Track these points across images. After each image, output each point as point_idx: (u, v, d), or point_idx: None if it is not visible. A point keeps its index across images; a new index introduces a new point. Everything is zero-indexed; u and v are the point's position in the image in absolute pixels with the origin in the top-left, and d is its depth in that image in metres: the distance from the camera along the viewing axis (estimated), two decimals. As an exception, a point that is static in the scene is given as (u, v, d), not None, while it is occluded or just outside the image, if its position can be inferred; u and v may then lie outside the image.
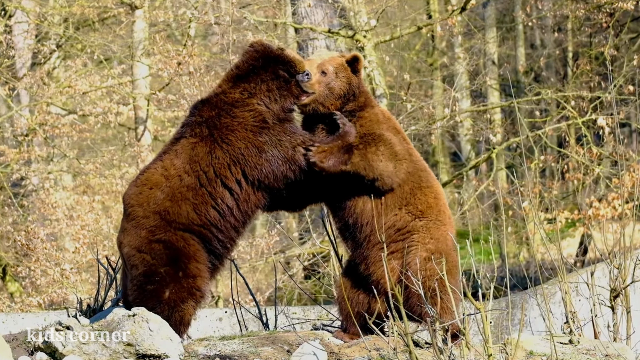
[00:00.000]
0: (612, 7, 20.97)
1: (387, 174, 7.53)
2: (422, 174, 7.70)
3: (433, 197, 7.68)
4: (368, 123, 7.66)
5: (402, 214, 7.62)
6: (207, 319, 11.44)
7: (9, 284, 21.34)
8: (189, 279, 7.30)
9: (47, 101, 20.85)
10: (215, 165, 7.42)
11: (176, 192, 7.38)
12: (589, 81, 22.17)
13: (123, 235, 7.44)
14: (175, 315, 7.24)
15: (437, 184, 7.80)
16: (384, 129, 7.68)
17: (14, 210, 20.81)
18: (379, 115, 7.77)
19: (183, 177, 7.41)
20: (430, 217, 7.63)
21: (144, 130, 21.61)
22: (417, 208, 7.62)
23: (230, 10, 18.82)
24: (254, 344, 7.49)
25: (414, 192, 7.63)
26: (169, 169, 7.44)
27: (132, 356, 6.82)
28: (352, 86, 7.75)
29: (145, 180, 7.47)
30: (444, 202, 7.73)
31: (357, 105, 7.75)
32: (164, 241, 7.32)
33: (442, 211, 7.69)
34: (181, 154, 7.47)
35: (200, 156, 7.43)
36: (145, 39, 21.31)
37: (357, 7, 19.11)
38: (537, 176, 19.80)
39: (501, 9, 28.12)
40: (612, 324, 8.46)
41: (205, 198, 7.41)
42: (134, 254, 7.33)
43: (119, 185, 20.80)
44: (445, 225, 7.65)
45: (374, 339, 7.54)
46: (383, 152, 7.54)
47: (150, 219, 7.35)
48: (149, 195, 7.40)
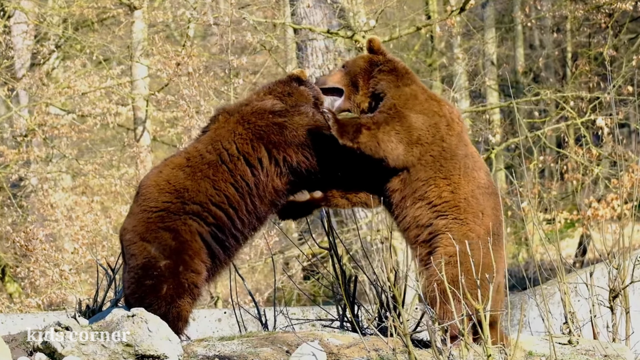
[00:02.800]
0: (611, 8, 20.98)
1: (393, 155, 7.36)
2: (448, 163, 7.43)
3: (450, 191, 7.43)
4: (402, 97, 7.49)
5: (423, 210, 7.44)
6: (206, 319, 11.44)
7: (8, 285, 21.33)
8: (189, 274, 7.28)
9: (46, 102, 20.84)
10: (238, 141, 7.44)
11: (197, 171, 7.40)
12: (588, 82, 22.17)
13: (129, 220, 7.40)
14: (172, 311, 7.22)
15: (465, 175, 7.43)
16: (417, 108, 7.47)
17: (13, 210, 20.80)
18: (417, 93, 7.56)
19: (204, 154, 7.44)
20: (451, 214, 7.37)
21: (143, 130, 21.60)
22: (433, 202, 7.38)
23: (229, 11, 18.82)
24: (253, 344, 7.49)
25: (429, 182, 7.44)
26: (192, 152, 7.51)
27: (131, 357, 6.82)
28: (374, 63, 7.69)
29: (168, 162, 7.53)
30: (465, 197, 7.39)
31: (391, 78, 7.64)
32: (172, 230, 7.27)
33: (460, 207, 7.40)
34: (206, 137, 7.54)
35: (222, 135, 7.47)
36: (144, 39, 21.30)
37: (356, 8, 19.11)
38: (536, 177, 19.81)
39: (500, 9, 28.13)
40: (611, 324, 8.47)
41: (226, 175, 7.40)
42: (136, 242, 7.29)
43: (118, 185, 20.80)
44: (468, 224, 7.37)
45: (373, 340, 7.54)
46: (397, 132, 7.37)
47: (163, 199, 7.32)
48: (169, 174, 7.41)
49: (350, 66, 7.82)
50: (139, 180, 7.78)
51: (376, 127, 7.37)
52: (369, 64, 7.78)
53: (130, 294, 7.29)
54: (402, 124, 7.39)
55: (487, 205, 7.47)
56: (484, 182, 7.52)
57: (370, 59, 7.81)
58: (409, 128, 7.40)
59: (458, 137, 7.53)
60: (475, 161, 7.55)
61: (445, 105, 7.61)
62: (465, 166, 7.46)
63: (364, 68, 7.76)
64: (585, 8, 21.71)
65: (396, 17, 21.11)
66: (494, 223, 7.47)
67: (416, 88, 7.63)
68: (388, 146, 7.36)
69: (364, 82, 7.75)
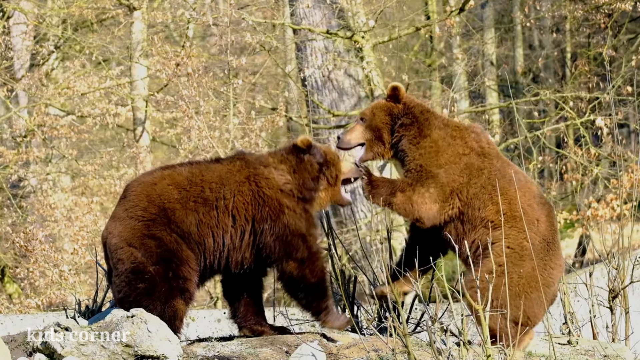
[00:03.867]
0: (611, 8, 20.97)
1: (428, 216, 7.52)
2: (501, 183, 7.54)
3: (507, 203, 7.51)
4: (426, 154, 7.58)
5: (482, 230, 7.53)
6: (205, 320, 11.43)
7: (8, 285, 21.32)
8: (178, 280, 7.28)
9: (45, 102, 20.83)
10: (237, 198, 7.45)
11: (190, 200, 7.38)
12: (587, 82, 22.16)
13: (113, 225, 7.36)
14: (167, 311, 7.22)
15: (520, 187, 7.55)
16: (443, 160, 7.56)
17: (12, 211, 20.79)
18: (439, 142, 7.64)
19: (205, 189, 7.41)
20: (507, 224, 7.46)
21: (142, 131, 21.61)
22: (491, 219, 7.49)
23: (229, 11, 18.82)
24: (252, 345, 7.49)
25: (485, 204, 7.54)
26: (197, 176, 7.46)
27: (130, 357, 6.81)
28: (394, 115, 7.75)
29: (166, 175, 7.47)
30: (522, 207, 7.48)
31: (412, 133, 7.70)
32: (158, 238, 7.28)
33: (517, 217, 7.48)
34: (215, 171, 7.50)
35: (230, 182, 7.47)
36: (143, 40, 21.31)
37: (356, 8, 19.10)
38: (535, 177, 19.80)
39: (499, 9, 28.12)
40: (610, 324, 8.47)
41: (211, 222, 7.41)
42: (122, 247, 7.28)
43: (117, 186, 20.78)
44: (524, 232, 7.46)
45: (373, 340, 7.54)
46: (431, 194, 7.50)
47: (151, 211, 7.31)
48: (163, 190, 7.38)
49: (369, 119, 7.86)
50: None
51: (411, 190, 7.53)
52: (390, 116, 7.81)
53: (124, 297, 7.28)
54: (434, 184, 7.54)
55: (542, 213, 7.61)
56: (537, 192, 7.69)
57: (389, 111, 7.83)
58: (441, 187, 7.54)
59: (498, 158, 7.66)
60: (525, 174, 7.73)
61: (470, 135, 7.70)
62: (518, 180, 7.59)
63: (385, 122, 7.81)
64: (585, 8, 21.69)
65: (395, 18, 21.11)
66: (549, 231, 7.60)
67: (437, 135, 7.69)
68: (422, 207, 7.53)
69: (387, 134, 7.81)
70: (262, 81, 24.34)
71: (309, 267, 7.45)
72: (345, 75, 19.40)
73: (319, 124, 19.37)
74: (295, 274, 7.46)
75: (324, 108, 19.16)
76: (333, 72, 19.31)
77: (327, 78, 19.30)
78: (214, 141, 17.45)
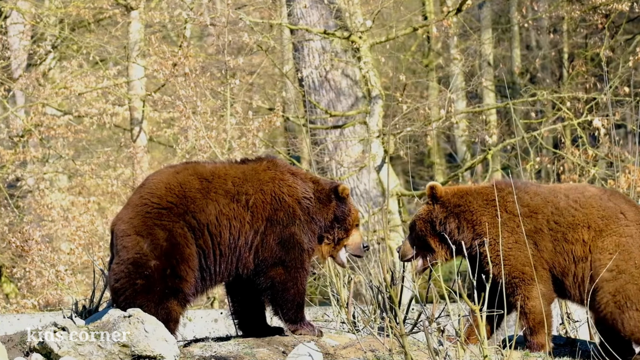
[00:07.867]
0: (608, 9, 20.98)
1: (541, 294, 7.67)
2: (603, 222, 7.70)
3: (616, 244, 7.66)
4: (490, 252, 7.60)
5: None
6: (202, 320, 11.42)
7: (4, 285, 21.31)
8: (175, 279, 7.27)
9: (42, 102, 20.82)
10: (258, 198, 7.51)
11: (212, 191, 7.39)
12: (584, 82, 22.18)
13: (125, 211, 7.36)
14: (161, 312, 7.20)
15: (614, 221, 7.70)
16: (509, 246, 7.65)
17: (9, 211, 20.77)
18: (494, 231, 7.69)
19: (227, 182, 7.45)
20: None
21: (139, 131, 21.58)
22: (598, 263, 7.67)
23: (226, 12, 18.81)
24: (249, 345, 7.49)
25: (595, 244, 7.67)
26: (221, 170, 7.51)
27: (127, 357, 6.81)
28: (433, 214, 7.91)
29: (189, 167, 7.50)
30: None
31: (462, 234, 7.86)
32: (168, 229, 7.25)
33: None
34: (239, 168, 7.57)
35: (253, 179, 7.55)
36: (140, 40, 21.29)
37: (353, 8, 19.10)
38: (532, 177, 19.81)
39: (497, 10, 28.13)
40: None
41: (230, 215, 7.44)
42: (130, 234, 7.26)
43: (114, 186, 20.76)
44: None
45: (370, 340, 7.54)
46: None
47: (168, 199, 7.29)
48: (185, 179, 7.39)
49: (415, 231, 8.01)
50: (136, 180, 7.74)
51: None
52: (430, 225, 7.96)
53: (120, 288, 7.25)
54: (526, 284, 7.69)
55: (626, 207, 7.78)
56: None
57: (429, 219, 7.96)
58: (530, 276, 7.67)
59: (563, 198, 7.75)
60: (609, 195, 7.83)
61: (510, 199, 7.76)
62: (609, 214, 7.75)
63: (428, 230, 7.98)
64: (582, 9, 21.71)
65: (393, 18, 21.11)
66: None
67: (486, 216, 7.81)
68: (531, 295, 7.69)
69: (433, 241, 7.95)
70: (259, 81, 24.34)
71: (294, 276, 7.52)
72: (342, 76, 19.40)
73: (316, 124, 19.37)
74: (280, 279, 7.50)
75: (321, 108, 19.16)
76: (330, 72, 19.31)
77: (325, 78, 19.31)
78: (211, 141, 17.44)
